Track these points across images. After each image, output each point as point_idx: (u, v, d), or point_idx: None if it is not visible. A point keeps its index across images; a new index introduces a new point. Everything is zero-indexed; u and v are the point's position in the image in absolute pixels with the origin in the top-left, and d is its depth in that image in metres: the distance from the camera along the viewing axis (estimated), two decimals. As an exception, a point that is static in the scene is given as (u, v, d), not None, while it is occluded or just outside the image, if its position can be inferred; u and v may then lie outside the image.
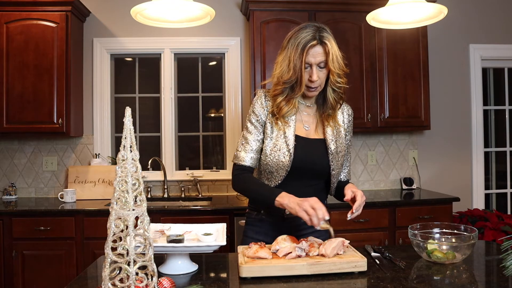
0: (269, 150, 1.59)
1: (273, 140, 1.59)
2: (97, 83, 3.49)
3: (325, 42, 1.51)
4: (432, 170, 3.75)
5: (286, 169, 1.58)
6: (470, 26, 3.79)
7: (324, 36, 1.51)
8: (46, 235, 2.79)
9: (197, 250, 1.36)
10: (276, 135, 1.59)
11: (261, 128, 1.62)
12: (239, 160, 1.61)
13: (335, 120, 1.67)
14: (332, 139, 1.64)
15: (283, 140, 1.58)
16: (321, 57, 1.52)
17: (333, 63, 1.52)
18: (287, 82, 1.55)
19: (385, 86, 3.34)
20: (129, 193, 0.96)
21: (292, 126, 1.60)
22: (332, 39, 1.53)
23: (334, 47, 1.53)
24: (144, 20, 1.74)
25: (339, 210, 2.96)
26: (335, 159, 1.63)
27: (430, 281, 1.26)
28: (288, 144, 1.57)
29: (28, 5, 3.07)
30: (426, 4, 1.65)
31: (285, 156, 1.57)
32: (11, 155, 3.43)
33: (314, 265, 1.28)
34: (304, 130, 1.64)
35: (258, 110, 1.62)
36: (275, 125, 1.60)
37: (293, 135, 1.59)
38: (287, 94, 1.57)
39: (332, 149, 1.62)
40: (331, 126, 1.65)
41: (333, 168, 1.62)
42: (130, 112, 0.99)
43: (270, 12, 3.23)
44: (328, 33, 1.53)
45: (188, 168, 3.59)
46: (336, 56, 1.53)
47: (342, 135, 1.68)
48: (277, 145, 1.58)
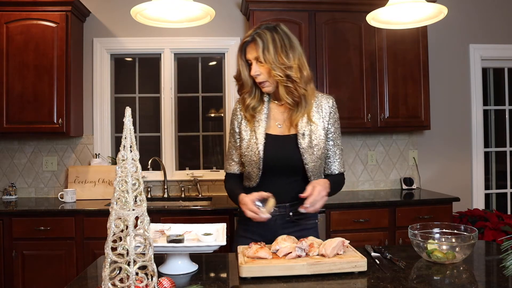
0: (244, 151, 1.67)
1: (246, 140, 1.67)
2: (97, 83, 3.49)
3: (256, 37, 1.59)
4: (432, 170, 3.75)
5: (259, 167, 1.63)
6: (470, 26, 3.79)
7: (258, 33, 1.60)
8: (46, 235, 2.79)
9: (197, 250, 1.36)
10: (249, 135, 1.67)
11: (237, 135, 1.72)
12: (226, 169, 1.79)
13: (308, 116, 1.66)
14: (304, 133, 1.63)
15: (254, 140, 1.64)
16: (255, 52, 1.60)
17: (265, 56, 1.57)
18: (237, 78, 1.69)
19: (385, 86, 3.34)
20: (129, 193, 0.96)
21: (263, 126, 1.66)
22: (269, 35, 1.59)
23: (269, 41, 1.58)
24: (144, 20, 1.74)
25: (339, 210, 2.96)
26: (308, 153, 1.62)
27: (430, 281, 1.26)
28: (257, 143, 1.63)
29: (28, 5, 3.07)
30: (426, 4, 1.65)
31: (256, 155, 1.63)
32: (11, 155, 3.43)
33: (314, 265, 1.28)
34: (276, 128, 1.68)
35: (232, 118, 1.75)
36: (249, 125, 1.68)
37: (263, 134, 1.64)
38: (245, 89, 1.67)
39: (303, 144, 1.62)
40: (303, 121, 1.65)
41: (306, 163, 1.62)
42: (130, 112, 0.99)
43: (270, 12, 3.23)
44: (266, 29, 1.61)
45: (188, 168, 3.59)
46: (269, 49, 1.57)
47: (319, 129, 1.66)
48: (249, 146, 1.65)
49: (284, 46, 1.60)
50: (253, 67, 1.61)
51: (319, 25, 3.28)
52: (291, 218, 1.65)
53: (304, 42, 3.24)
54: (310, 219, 1.71)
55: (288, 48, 1.60)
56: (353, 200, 3.13)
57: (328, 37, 3.28)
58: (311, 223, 1.72)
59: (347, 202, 3.03)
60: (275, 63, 1.57)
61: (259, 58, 1.59)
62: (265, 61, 1.58)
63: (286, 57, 1.59)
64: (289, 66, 1.58)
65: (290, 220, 1.65)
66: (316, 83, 3.26)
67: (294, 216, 1.65)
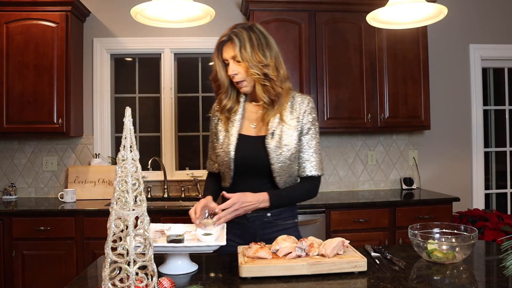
0: (217, 151, 1.69)
1: (221, 141, 1.68)
2: (97, 83, 3.49)
3: (232, 36, 1.59)
4: (432, 170, 3.75)
5: (230, 168, 1.64)
6: (470, 26, 3.79)
7: (234, 32, 1.60)
8: (46, 235, 2.79)
9: (197, 250, 1.36)
10: (223, 136, 1.68)
11: (214, 136, 1.75)
12: (207, 168, 1.86)
13: (281, 115, 1.63)
14: (274, 132, 1.61)
15: (227, 140, 1.65)
16: (232, 51, 1.59)
17: (242, 55, 1.57)
18: (214, 79, 1.67)
19: (385, 86, 3.34)
20: (129, 193, 0.96)
21: (236, 126, 1.66)
22: (245, 34, 1.58)
23: (246, 39, 1.57)
24: (144, 20, 1.74)
25: (339, 210, 2.96)
26: (275, 154, 1.59)
27: (430, 281, 1.26)
28: (229, 144, 1.64)
29: (28, 5, 3.07)
30: (426, 4, 1.65)
31: (227, 156, 1.63)
32: (11, 155, 3.43)
33: (314, 265, 1.28)
34: (250, 128, 1.68)
35: (211, 120, 1.78)
36: (224, 125, 1.69)
37: (236, 134, 1.65)
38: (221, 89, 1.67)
39: (270, 144, 1.60)
40: (274, 121, 1.63)
41: (272, 163, 1.60)
42: (130, 112, 0.99)
43: (270, 12, 3.23)
44: (242, 29, 1.60)
45: (188, 168, 3.59)
46: (246, 48, 1.57)
47: (291, 129, 1.63)
48: (223, 146, 1.66)
49: (261, 45, 1.59)
50: (230, 66, 1.60)
51: (319, 25, 3.28)
52: (269, 219, 1.65)
53: (304, 42, 3.25)
54: (288, 219, 1.70)
55: (265, 47, 1.60)
56: (353, 200, 3.13)
57: (328, 37, 3.28)
58: (290, 223, 1.70)
59: (347, 202, 3.03)
60: (253, 61, 1.56)
61: (236, 57, 1.58)
62: (243, 60, 1.57)
63: (263, 55, 1.58)
64: (266, 64, 1.58)
65: (268, 221, 1.65)
66: (316, 83, 3.27)
67: (272, 217, 1.65)
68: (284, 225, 1.68)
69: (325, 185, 3.64)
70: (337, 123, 3.29)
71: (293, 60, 3.24)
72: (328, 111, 3.28)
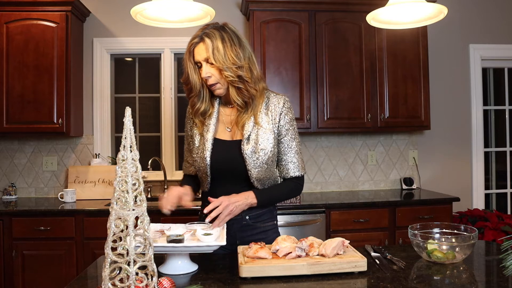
0: (194, 156, 1.66)
1: (196, 146, 1.65)
2: (97, 83, 3.49)
3: (204, 38, 1.53)
4: (432, 170, 3.75)
5: (206, 173, 1.61)
6: (470, 26, 3.79)
7: (206, 33, 1.54)
8: (46, 235, 2.79)
9: (197, 250, 1.36)
10: (198, 141, 1.64)
11: (190, 138, 1.72)
12: (183, 171, 1.83)
13: (255, 117, 1.59)
14: (250, 137, 1.57)
15: (202, 145, 1.62)
16: (204, 53, 1.53)
17: (215, 56, 1.51)
18: (185, 82, 1.62)
19: (385, 86, 3.34)
20: (129, 193, 0.96)
21: (211, 131, 1.61)
22: (218, 35, 1.52)
23: (218, 41, 1.51)
24: (144, 20, 1.74)
25: (339, 210, 2.96)
26: (252, 159, 1.56)
27: (430, 281, 1.26)
28: (204, 149, 1.60)
29: (28, 5, 3.07)
30: (426, 4, 1.65)
31: (203, 161, 1.60)
32: (11, 155, 3.43)
33: (314, 265, 1.28)
34: (226, 132, 1.64)
35: (186, 122, 1.75)
36: (198, 129, 1.65)
37: (211, 139, 1.60)
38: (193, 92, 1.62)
39: (246, 150, 1.56)
40: (249, 125, 1.58)
41: (249, 169, 1.56)
42: (130, 112, 0.99)
43: (270, 12, 3.23)
44: (214, 29, 1.54)
45: (188, 168, 3.58)
46: (218, 49, 1.51)
47: (267, 132, 1.59)
48: (198, 151, 1.63)
49: (234, 45, 1.53)
50: (204, 68, 1.54)
51: (319, 25, 3.28)
52: (247, 222, 1.64)
53: (304, 42, 3.25)
54: (267, 221, 1.68)
55: (238, 47, 1.54)
56: (353, 200, 3.13)
57: (328, 37, 3.28)
58: (269, 225, 1.69)
59: (347, 202, 3.03)
60: (226, 63, 1.51)
61: (209, 59, 1.52)
62: (216, 61, 1.51)
63: (236, 56, 1.52)
64: (240, 65, 1.53)
65: (247, 224, 1.64)
66: (316, 83, 3.27)
67: (251, 220, 1.64)
68: (263, 227, 1.67)
69: (325, 185, 3.64)
70: (337, 123, 3.29)
71: (293, 60, 3.24)
72: (328, 111, 3.28)
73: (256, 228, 1.65)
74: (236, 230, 1.64)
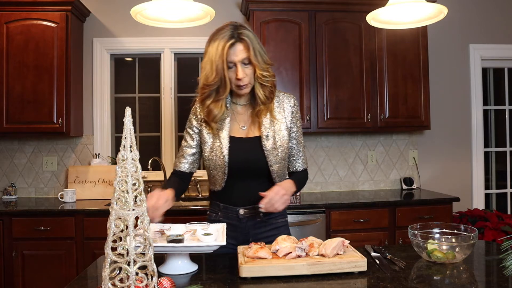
0: (207, 154, 1.65)
1: (209, 144, 1.64)
2: (97, 83, 3.49)
3: (244, 38, 1.53)
4: (432, 170, 3.75)
5: (224, 171, 1.61)
6: (470, 26, 3.79)
7: (242, 33, 1.54)
8: (46, 235, 2.79)
9: (197, 250, 1.36)
10: (212, 139, 1.63)
11: (195, 135, 1.69)
12: (174, 166, 1.73)
13: (271, 115, 1.64)
14: (268, 135, 1.62)
15: (218, 143, 1.61)
16: (243, 54, 1.54)
17: (256, 58, 1.54)
18: (212, 84, 1.55)
19: (385, 86, 3.34)
20: (129, 193, 0.96)
21: (226, 129, 1.62)
22: (252, 35, 1.56)
23: (255, 42, 1.55)
24: (144, 20, 1.74)
25: (339, 210, 2.96)
26: (273, 155, 1.62)
27: (430, 281, 1.26)
28: (222, 147, 1.60)
29: (28, 5, 3.07)
30: (426, 4, 1.65)
31: (221, 159, 1.60)
32: (11, 155, 3.43)
33: (314, 265, 1.28)
34: (241, 130, 1.66)
35: (191, 119, 1.70)
36: (210, 129, 1.63)
37: (227, 137, 1.61)
38: (214, 97, 1.58)
39: (267, 146, 1.61)
40: (266, 122, 1.63)
41: (271, 165, 1.62)
42: (130, 112, 0.99)
43: (270, 12, 3.23)
44: (246, 30, 1.56)
45: (188, 168, 3.58)
46: (258, 50, 1.55)
47: (282, 129, 1.65)
48: (213, 149, 1.62)
49: (262, 46, 1.60)
50: (240, 69, 1.53)
51: (319, 25, 3.28)
52: (261, 218, 1.66)
53: (304, 42, 3.25)
54: (279, 217, 1.72)
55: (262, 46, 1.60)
56: (353, 200, 3.13)
57: (328, 37, 3.28)
58: (281, 222, 1.73)
59: (347, 202, 3.03)
60: (261, 63, 1.56)
61: (250, 59, 1.54)
62: (255, 61, 1.54)
63: (266, 55, 1.59)
64: (269, 64, 1.59)
65: (260, 221, 1.66)
66: (316, 83, 3.27)
67: (265, 217, 1.66)
68: (275, 223, 1.70)
69: (325, 185, 3.64)
70: (337, 123, 3.29)
71: (293, 60, 3.24)
72: (328, 111, 3.28)
73: (270, 225, 1.67)
74: (250, 227, 1.65)
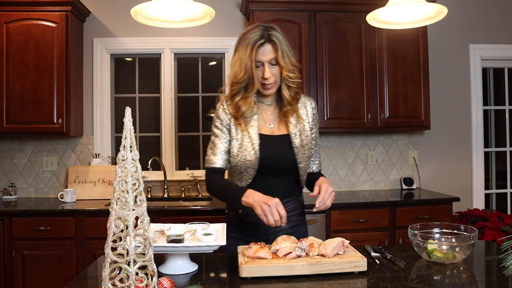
0: (236, 151, 1.65)
1: (239, 141, 1.65)
2: (97, 83, 3.49)
3: (273, 39, 1.58)
4: (432, 170, 3.75)
5: (254, 168, 1.63)
6: (470, 26, 3.79)
7: (272, 34, 1.59)
8: (46, 235, 2.79)
9: (197, 250, 1.36)
10: (241, 136, 1.65)
11: (226, 131, 1.68)
12: (210, 163, 1.67)
13: (297, 115, 1.70)
14: (296, 133, 1.68)
15: (248, 140, 1.64)
16: (271, 54, 1.59)
17: (284, 59, 1.59)
18: (240, 82, 1.61)
19: (385, 86, 3.34)
20: (129, 193, 0.96)
21: (255, 126, 1.66)
22: (281, 37, 1.60)
23: (283, 44, 1.60)
24: (144, 20, 1.74)
25: (339, 210, 2.96)
26: (301, 153, 1.67)
27: (430, 281, 1.26)
28: (253, 144, 1.63)
29: (28, 5, 3.07)
30: (426, 4, 1.65)
31: (251, 155, 1.62)
32: (11, 155, 3.43)
33: (314, 265, 1.28)
34: (268, 128, 1.69)
35: (221, 115, 1.69)
36: (239, 126, 1.66)
37: (257, 134, 1.65)
38: (243, 94, 1.63)
39: (296, 144, 1.66)
40: (293, 121, 1.69)
41: (299, 162, 1.66)
42: (130, 112, 0.99)
43: (270, 12, 3.23)
44: (276, 31, 1.61)
45: (188, 168, 3.59)
46: (286, 52, 1.60)
47: (307, 129, 1.72)
48: (243, 146, 1.64)
49: (290, 47, 1.63)
50: (267, 68, 1.59)
51: (319, 25, 3.28)
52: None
53: (304, 42, 3.25)
54: (300, 215, 1.77)
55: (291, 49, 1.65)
56: (353, 200, 3.13)
57: (328, 37, 3.28)
58: (301, 219, 1.78)
59: (347, 202, 3.03)
60: (289, 65, 1.60)
61: (276, 60, 1.59)
62: (282, 63, 1.59)
63: (293, 57, 1.63)
64: (296, 66, 1.64)
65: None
66: (316, 83, 3.27)
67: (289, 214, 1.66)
68: (296, 221, 1.73)
69: (325, 185, 3.64)
70: (337, 123, 3.29)
71: (293, 60, 3.24)
72: (328, 111, 3.28)
73: (290, 222, 1.67)
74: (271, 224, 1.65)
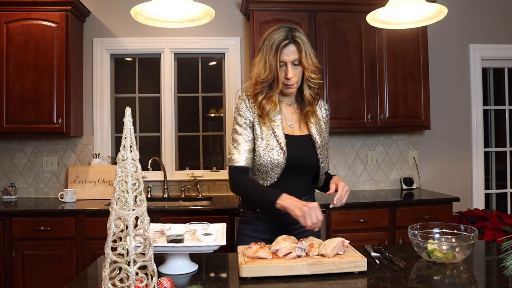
0: (262, 150, 1.64)
1: (265, 140, 1.65)
2: (97, 83, 3.49)
3: (297, 40, 1.61)
4: (432, 170, 3.75)
5: (282, 167, 1.64)
6: (470, 26, 3.79)
7: (296, 36, 1.62)
8: (46, 235, 2.79)
9: (197, 250, 1.36)
10: (266, 135, 1.66)
11: (249, 129, 1.68)
12: (234, 162, 1.65)
13: (315, 115, 1.76)
14: (316, 133, 1.73)
15: (274, 139, 1.65)
16: (295, 55, 1.62)
17: (307, 60, 1.63)
18: (264, 81, 1.63)
19: (385, 86, 3.34)
20: (129, 193, 0.96)
21: (280, 125, 1.68)
22: (305, 38, 1.64)
23: (307, 45, 1.63)
24: (144, 20, 1.74)
25: (339, 210, 2.96)
26: (322, 153, 1.72)
27: (430, 281, 1.26)
28: (280, 143, 1.64)
29: (28, 5, 3.07)
30: (426, 4, 1.65)
31: (279, 154, 1.63)
32: (11, 155, 3.43)
33: (314, 265, 1.28)
34: (289, 128, 1.72)
35: (244, 112, 1.69)
36: (264, 125, 1.66)
37: (282, 133, 1.66)
38: (266, 93, 1.66)
39: (318, 143, 1.71)
40: (313, 121, 1.74)
41: (321, 161, 1.71)
42: (130, 112, 0.99)
43: (270, 12, 3.23)
44: (300, 33, 1.64)
45: (188, 168, 3.59)
46: (309, 53, 1.63)
47: (323, 129, 1.78)
48: (270, 145, 1.65)
49: (313, 49, 1.66)
50: (290, 69, 1.61)
51: (319, 25, 3.28)
52: None
53: (304, 42, 3.24)
54: None
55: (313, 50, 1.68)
56: (353, 200, 3.13)
57: (328, 37, 3.28)
58: None
59: (347, 202, 2.96)
60: (311, 65, 1.63)
61: (300, 61, 1.61)
62: (306, 64, 1.61)
63: (316, 58, 1.66)
64: (318, 67, 1.67)
65: None
66: (316, 83, 3.26)
67: None
68: None
69: (325, 185, 3.64)
70: (337, 123, 3.29)
71: (293, 60, 3.24)
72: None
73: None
74: (289, 223, 1.67)
